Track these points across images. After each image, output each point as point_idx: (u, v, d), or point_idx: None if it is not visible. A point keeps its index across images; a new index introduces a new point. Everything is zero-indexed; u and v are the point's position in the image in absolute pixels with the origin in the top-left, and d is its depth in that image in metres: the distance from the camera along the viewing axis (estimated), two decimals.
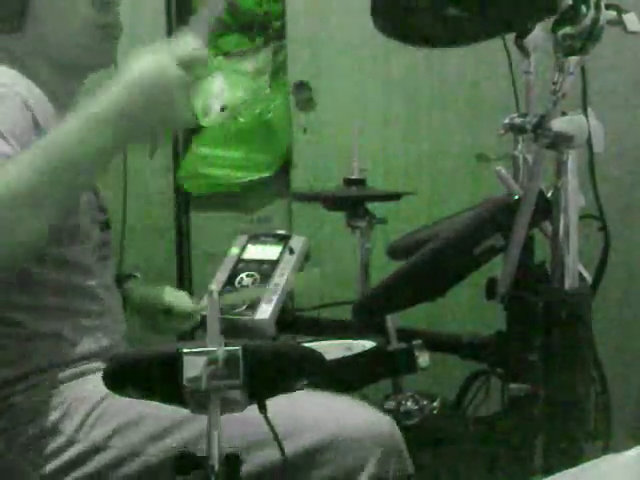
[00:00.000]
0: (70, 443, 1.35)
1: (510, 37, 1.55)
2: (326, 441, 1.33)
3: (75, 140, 1.16)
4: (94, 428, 1.36)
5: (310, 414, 1.35)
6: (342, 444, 1.33)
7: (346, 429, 1.35)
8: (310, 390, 1.21)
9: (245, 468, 1.04)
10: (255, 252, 1.87)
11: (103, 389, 1.06)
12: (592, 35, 1.33)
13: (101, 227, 1.50)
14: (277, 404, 1.06)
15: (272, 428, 1.07)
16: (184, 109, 1.23)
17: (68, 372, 1.40)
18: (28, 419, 1.35)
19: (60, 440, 1.35)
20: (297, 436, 1.31)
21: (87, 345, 1.42)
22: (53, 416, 1.36)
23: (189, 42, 1.25)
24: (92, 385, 1.35)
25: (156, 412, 1.32)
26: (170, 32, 2.66)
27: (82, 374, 1.41)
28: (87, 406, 1.37)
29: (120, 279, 1.66)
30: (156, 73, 1.20)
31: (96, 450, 1.35)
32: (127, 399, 1.08)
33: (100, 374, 1.06)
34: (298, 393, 1.31)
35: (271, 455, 1.25)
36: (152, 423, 1.34)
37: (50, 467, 1.35)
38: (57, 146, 1.16)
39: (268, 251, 1.86)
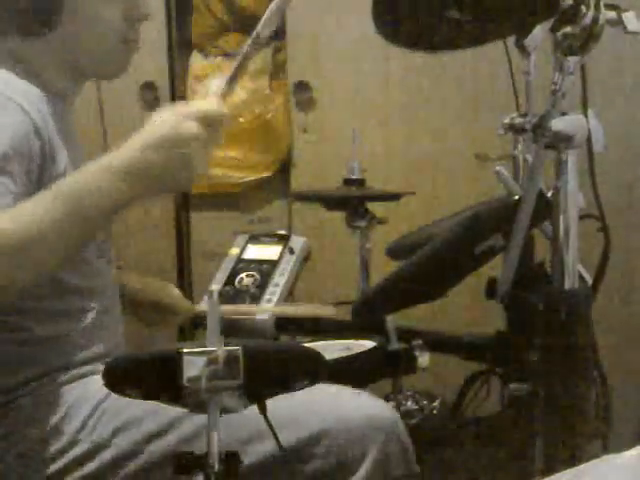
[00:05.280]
0: (73, 444, 1.35)
1: (510, 37, 1.55)
2: (327, 429, 1.33)
3: (93, 192, 1.16)
4: (96, 428, 1.36)
5: (310, 402, 1.35)
6: (343, 432, 1.34)
7: (347, 416, 1.35)
8: None
9: (246, 460, 1.04)
10: (255, 252, 1.87)
11: (104, 390, 1.06)
12: (592, 35, 1.33)
13: None
14: None
15: (272, 428, 1.07)
16: (200, 167, 1.21)
17: (70, 375, 1.40)
18: (30, 421, 1.35)
19: (63, 441, 1.35)
20: (298, 425, 1.31)
21: (89, 346, 1.42)
22: (55, 418, 1.36)
23: (211, 101, 1.24)
24: (93, 386, 1.35)
25: (156, 409, 1.32)
26: (170, 32, 2.66)
27: (83, 376, 1.40)
28: (88, 407, 1.37)
29: None
30: (174, 131, 1.18)
31: (98, 449, 1.35)
32: (127, 397, 1.08)
33: (101, 375, 1.06)
34: None
35: (273, 446, 1.25)
36: (152, 421, 1.34)
37: (53, 468, 1.35)
38: (74, 196, 1.16)
39: (268, 251, 1.87)
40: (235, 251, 1.88)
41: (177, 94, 2.68)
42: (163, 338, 1.75)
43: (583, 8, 1.33)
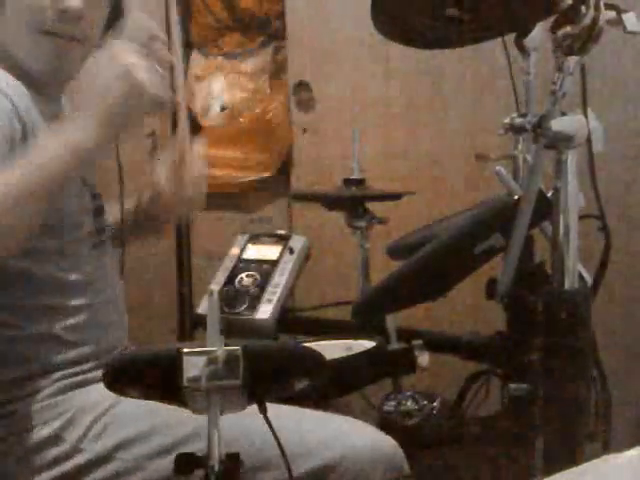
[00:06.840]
0: (73, 452, 1.33)
1: (510, 37, 1.55)
2: (332, 463, 1.33)
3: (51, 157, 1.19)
4: (99, 438, 1.34)
5: (316, 436, 1.35)
6: (348, 466, 1.33)
7: (352, 451, 1.34)
8: (309, 393, 1.21)
9: None
10: (255, 252, 1.87)
11: (108, 398, 1.05)
12: (592, 35, 1.34)
13: (95, 213, 1.45)
14: (283, 426, 1.06)
15: (273, 429, 1.07)
16: (151, 88, 1.23)
17: (71, 380, 1.37)
18: (30, 426, 1.33)
19: (63, 448, 1.33)
20: (303, 458, 1.30)
21: (84, 344, 1.39)
22: (56, 424, 1.34)
23: (139, 22, 1.30)
24: (97, 394, 1.33)
25: (163, 427, 1.32)
26: (170, 33, 2.66)
27: (86, 382, 1.38)
28: (92, 415, 1.35)
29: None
30: (109, 63, 1.22)
31: (100, 461, 1.33)
32: (134, 410, 1.08)
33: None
34: (303, 414, 1.32)
35: (277, 476, 1.25)
36: (158, 438, 1.32)
37: (52, 475, 1.33)
38: (38, 167, 1.19)
39: (268, 251, 1.87)
40: (235, 251, 1.88)
41: None
42: (163, 338, 1.75)
43: (583, 8, 1.33)
